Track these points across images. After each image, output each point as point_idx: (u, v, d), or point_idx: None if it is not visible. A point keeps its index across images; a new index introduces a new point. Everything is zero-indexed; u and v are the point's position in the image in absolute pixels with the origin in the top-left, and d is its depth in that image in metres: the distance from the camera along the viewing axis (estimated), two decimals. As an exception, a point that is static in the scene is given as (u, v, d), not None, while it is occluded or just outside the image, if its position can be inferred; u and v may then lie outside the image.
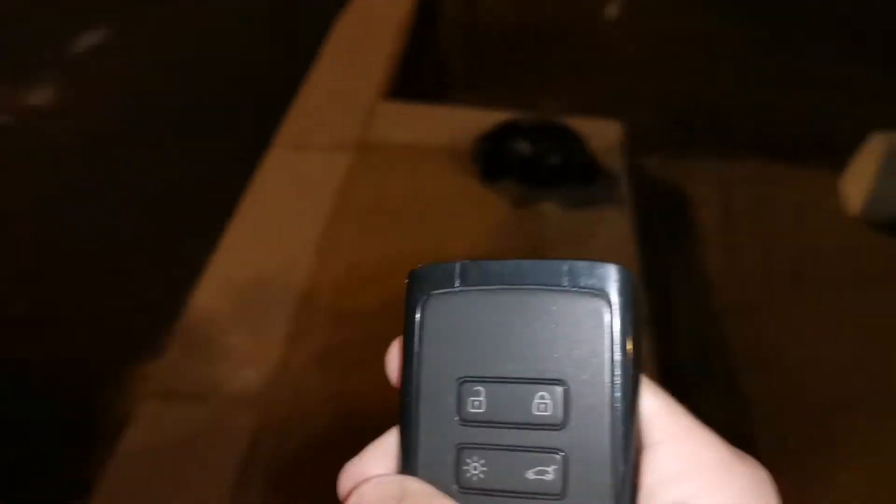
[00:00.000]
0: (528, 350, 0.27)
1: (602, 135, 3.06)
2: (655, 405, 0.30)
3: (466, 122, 3.08)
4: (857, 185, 2.95)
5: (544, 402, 0.27)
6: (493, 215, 2.66)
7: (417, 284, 0.30)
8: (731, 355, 2.42)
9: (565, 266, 0.28)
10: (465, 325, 0.28)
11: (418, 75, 3.78)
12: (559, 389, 0.27)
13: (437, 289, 0.29)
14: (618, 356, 0.27)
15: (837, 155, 3.14)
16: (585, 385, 0.27)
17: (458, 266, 0.29)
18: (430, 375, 0.28)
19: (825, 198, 3.04)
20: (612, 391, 0.27)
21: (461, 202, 2.72)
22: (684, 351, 2.44)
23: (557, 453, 0.27)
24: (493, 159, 2.81)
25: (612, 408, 0.27)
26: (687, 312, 2.58)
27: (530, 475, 0.27)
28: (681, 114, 3.58)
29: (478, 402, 0.28)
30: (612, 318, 0.27)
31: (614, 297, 0.28)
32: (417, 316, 0.29)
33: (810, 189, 3.09)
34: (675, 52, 4.05)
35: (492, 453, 0.28)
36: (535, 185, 2.74)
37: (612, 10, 4.39)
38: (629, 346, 0.27)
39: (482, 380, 0.28)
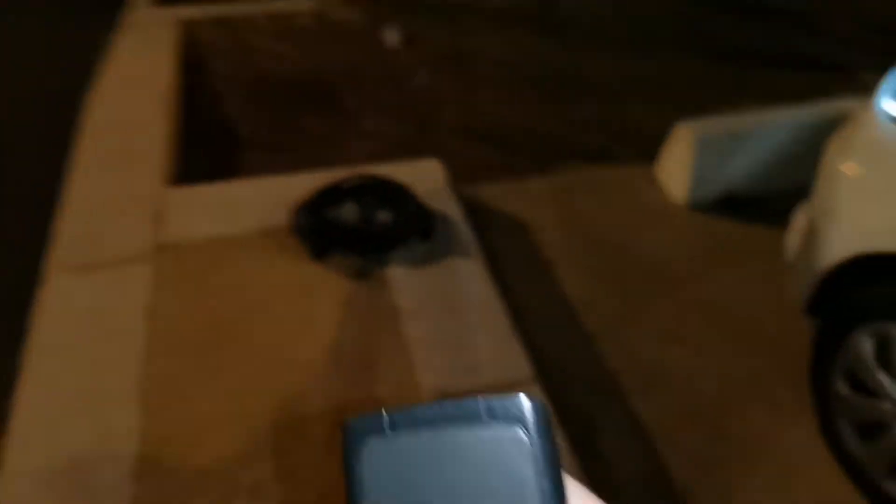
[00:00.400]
0: (463, 485, 0.29)
1: (426, 177, 2.86)
2: None
3: (276, 193, 2.73)
4: (674, 174, 3.03)
5: None
6: (335, 297, 2.35)
7: (352, 436, 0.31)
8: (617, 379, 2.33)
9: (483, 404, 0.30)
10: (402, 469, 0.30)
11: (203, 148, 3.34)
12: None
13: (371, 438, 0.30)
14: (544, 480, 0.29)
15: (647, 147, 3.22)
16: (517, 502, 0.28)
17: (386, 416, 0.30)
18: None
19: (647, 190, 3.09)
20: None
21: (296, 291, 2.38)
22: (571, 384, 2.31)
23: None
24: (318, 232, 2.49)
25: None
26: (560, 343, 2.46)
27: None
28: (491, 136, 3.49)
29: None
30: (532, 446, 0.29)
31: (531, 427, 0.29)
32: (355, 465, 0.30)
33: (632, 184, 3.13)
34: (469, 75, 3.97)
35: None
36: (373, 251, 2.47)
37: (392, 37, 4.23)
38: (552, 467, 0.29)
39: None
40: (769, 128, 2.94)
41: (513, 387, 2.06)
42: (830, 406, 2.06)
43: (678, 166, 2.99)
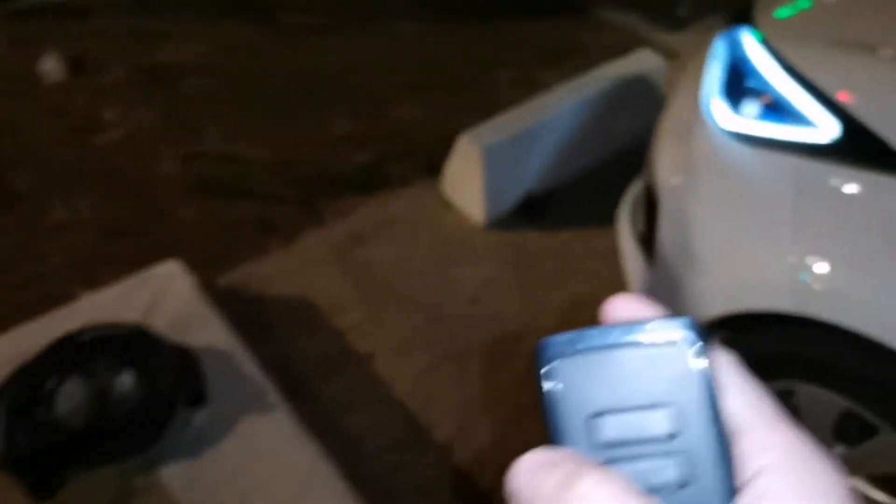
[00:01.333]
0: (640, 386, 0.35)
1: (166, 293, 2.07)
2: (740, 402, 0.36)
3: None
4: (466, 192, 2.55)
5: (658, 421, 0.35)
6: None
7: (545, 353, 0.36)
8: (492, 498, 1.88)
9: (653, 324, 0.36)
10: (588, 377, 0.35)
11: None
12: (667, 410, 0.35)
13: (563, 355, 0.36)
14: (702, 379, 0.35)
15: (423, 154, 2.72)
16: (684, 404, 0.35)
17: (574, 335, 0.35)
18: (566, 417, 0.35)
19: (443, 217, 2.59)
20: (702, 403, 0.35)
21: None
22: None
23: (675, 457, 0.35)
24: (31, 454, 1.64)
25: (706, 415, 0.35)
26: (413, 474, 1.93)
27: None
28: (234, 184, 2.71)
29: (607, 429, 0.35)
30: (692, 354, 0.35)
31: (691, 340, 0.36)
32: (550, 376, 0.35)
33: (424, 213, 2.60)
34: (178, 101, 3.06)
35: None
36: (126, 455, 1.69)
37: (52, 66, 3.13)
38: (707, 371, 0.35)
39: (608, 412, 0.35)
40: (553, 116, 2.56)
41: None
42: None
43: (469, 183, 2.52)
